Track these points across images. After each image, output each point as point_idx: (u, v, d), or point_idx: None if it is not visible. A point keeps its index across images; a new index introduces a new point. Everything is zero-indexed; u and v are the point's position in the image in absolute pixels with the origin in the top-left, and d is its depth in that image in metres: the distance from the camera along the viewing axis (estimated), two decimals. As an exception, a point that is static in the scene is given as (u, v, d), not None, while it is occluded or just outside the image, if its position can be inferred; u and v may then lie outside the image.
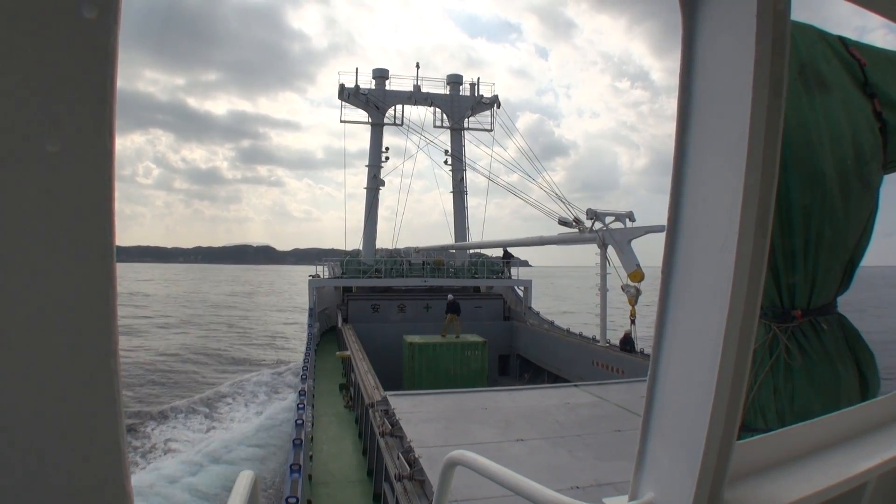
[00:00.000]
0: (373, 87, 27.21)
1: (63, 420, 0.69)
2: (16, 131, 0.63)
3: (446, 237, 28.53)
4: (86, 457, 0.71)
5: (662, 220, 1.36)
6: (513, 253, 26.04)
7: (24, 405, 0.67)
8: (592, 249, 16.42)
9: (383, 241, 28.61)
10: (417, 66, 28.04)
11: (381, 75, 27.51)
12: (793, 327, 2.31)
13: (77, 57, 0.64)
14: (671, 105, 1.30)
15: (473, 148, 36.69)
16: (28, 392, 0.67)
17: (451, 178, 27.80)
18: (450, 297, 18.61)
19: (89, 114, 0.65)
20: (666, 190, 1.34)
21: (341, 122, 27.10)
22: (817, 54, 2.25)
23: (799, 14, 2.41)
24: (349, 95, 26.49)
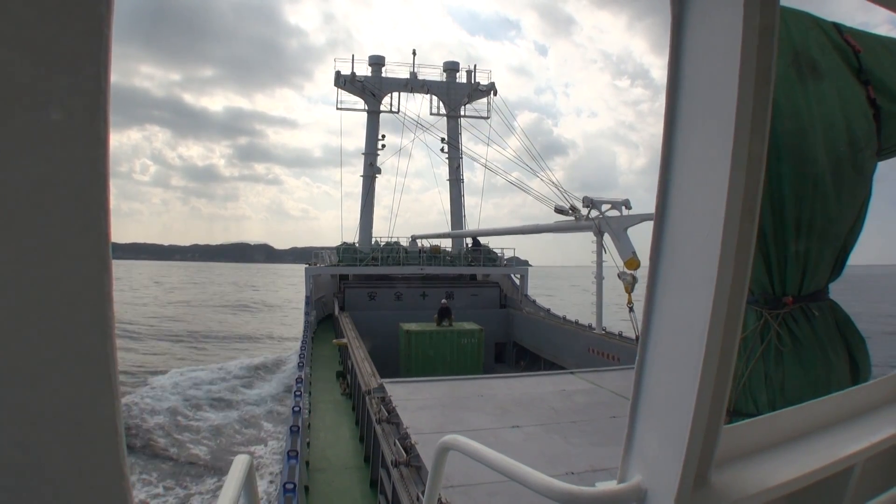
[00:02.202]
0: (369, 74, 27.01)
1: (60, 419, 0.68)
2: None
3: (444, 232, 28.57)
4: (84, 455, 0.70)
5: None
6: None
7: (19, 405, 0.66)
8: (591, 248, 16.41)
9: (380, 237, 28.51)
10: (414, 53, 27.84)
11: (377, 62, 27.22)
12: (784, 313, 2.32)
13: (64, 34, 0.61)
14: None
15: (472, 146, 36.71)
16: (23, 392, 0.66)
17: (447, 169, 27.73)
18: (443, 301, 18.53)
19: (80, 101, 0.63)
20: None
21: (337, 109, 26.94)
22: (811, 41, 2.24)
23: (799, 3, 2.39)
24: (345, 82, 26.25)
